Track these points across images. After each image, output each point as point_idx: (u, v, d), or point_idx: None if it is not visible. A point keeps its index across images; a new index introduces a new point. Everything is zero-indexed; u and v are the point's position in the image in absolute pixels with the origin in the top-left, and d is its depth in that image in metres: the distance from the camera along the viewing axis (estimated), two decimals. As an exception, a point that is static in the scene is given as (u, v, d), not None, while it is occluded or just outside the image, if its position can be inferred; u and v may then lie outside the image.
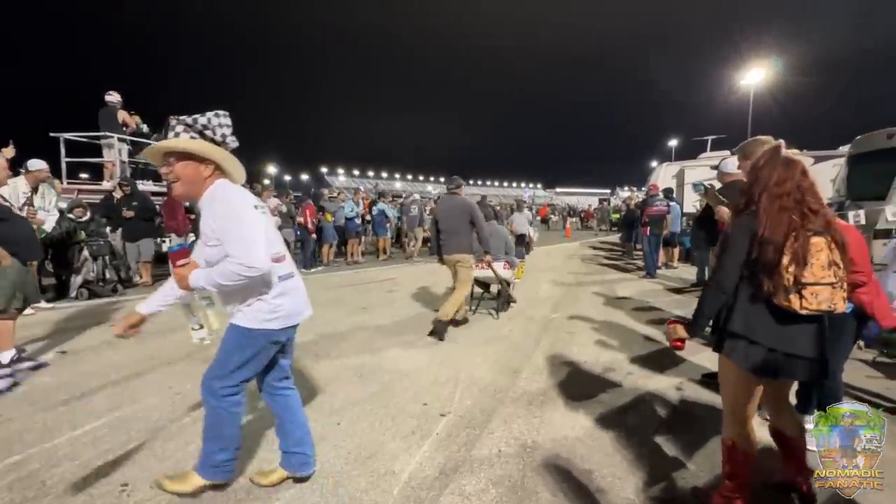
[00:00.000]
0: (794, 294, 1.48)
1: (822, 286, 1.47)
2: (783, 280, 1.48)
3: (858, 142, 7.21)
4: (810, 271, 1.47)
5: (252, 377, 1.92)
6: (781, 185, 1.56)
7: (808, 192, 1.56)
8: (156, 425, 2.55)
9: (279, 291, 1.83)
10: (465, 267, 4.43)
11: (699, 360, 3.68)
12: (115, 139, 8.47)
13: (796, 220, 1.51)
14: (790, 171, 1.58)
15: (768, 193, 1.57)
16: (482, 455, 2.27)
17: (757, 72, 23.67)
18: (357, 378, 3.27)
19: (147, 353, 3.74)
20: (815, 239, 1.49)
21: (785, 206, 1.53)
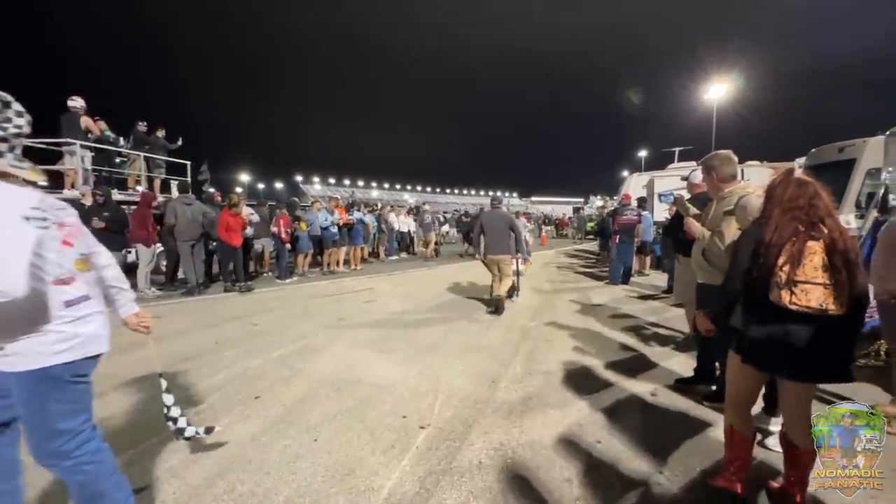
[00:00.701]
0: (786, 290, 1.58)
1: (813, 285, 1.56)
2: (777, 277, 1.60)
3: (813, 154, 7.65)
4: (802, 270, 1.57)
5: (89, 417, 1.65)
6: (794, 200, 1.68)
7: (821, 208, 1.66)
8: (118, 450, 2.39)
9: (70, 317, 1.51)
10: (507, 264, 5.88)
11: (671, 365, 3.78)
12: (78, 146, 8.13)
13: (801, 228, 1.63)
14: (803, 189, 1.70)
15: (781, 207, 1.70)
16: (463, 467, 2.25)
17: (719, 87, 24.86)
18: (334, 392, 3.20)
19: (110, 371, 3.55)
20: (811, 242, 1.60)
21: (796, 216, 1.65)
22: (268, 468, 2.24)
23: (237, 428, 2.65)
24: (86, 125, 8.27)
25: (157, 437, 2.54)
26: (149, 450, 2.41)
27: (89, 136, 8.36)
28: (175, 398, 2.99)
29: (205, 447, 2.43)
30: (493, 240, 5.80)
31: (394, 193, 77.23)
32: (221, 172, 53.99)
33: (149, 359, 3.79)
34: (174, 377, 3.45)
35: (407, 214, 13.86)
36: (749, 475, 1.98)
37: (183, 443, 2.46)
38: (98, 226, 6.30)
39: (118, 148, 9.42)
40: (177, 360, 3.86)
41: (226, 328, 4.94)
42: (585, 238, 22.25)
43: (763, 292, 1.65)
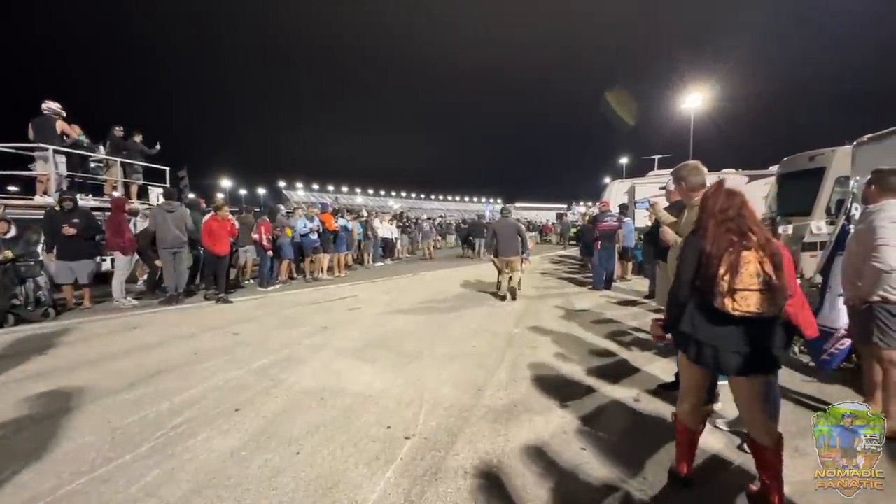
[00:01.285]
0: (728, 297, 1.74)
1: (750, 291, 1.72)
2: (719, 287, 1.75)
3: (785, 162, 7.90)
4: (740, 279, 1.72)
5: None
6: (725, 211, 1.83)
7: (748, 217, 1.82)
8: (91, 466, 2.32)
9: None
10: (516, 262, 7.05)
11: (653, 370, 3.83)
12: (51, 151, 7.88)
13: (735, 239, 1.78)
14: (731, 199, 1.86)
15: (714, 218, 1.84)
16: (448, 478, 2.23)
17: (696, 96, 25.58)
18: (317, 403, 3.15)
19: (80, 385, 3.43)
20: (745, 252, 1.75)
21: (728, 227, 1.80)
22: (248, 484, 2.18)
23: (216, 443, 2.57)
24: (62, 129, 8.01)
25: (131, 453, 2.45)
26: (122, 467, 2.31)
27: (65, 140, 8.10)
28: (151, 411, 2.91)
29: (182, 462, 2.35)
30: (505, 243, 7.02)
31: (378, 199, 76.91)
32: (202, 178, 53.01)
33: (121, 373, 3.69)
34: (150, 390, 3.34)
35: (391, 221, 13.81)
36: (730, 478, 2.02)
37: (158, 459, 2.39)
38: (68, 232, 6.09)
39: (94, 153, 9.17)
40: (153, 371, 3.74)
41: (205, 338, 4.82)
42: (569, 244, 22.49)
43: (708, 299, 1.80)
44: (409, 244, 16.62)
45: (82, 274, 6.30)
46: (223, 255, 7.02)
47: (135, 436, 2.65)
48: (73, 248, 6.20)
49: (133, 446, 2.53)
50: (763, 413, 1.90)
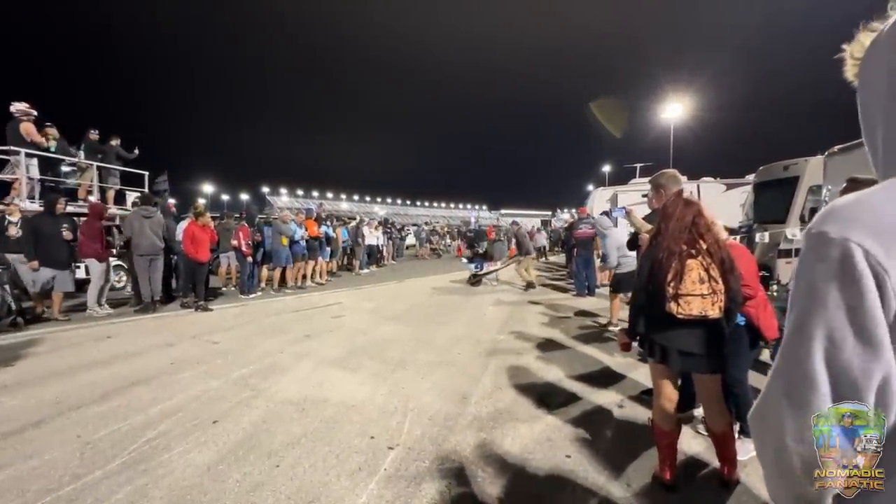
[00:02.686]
0: (674, 302, 1.88)
1: (693, 297, 1.86)
2: (667, 292, 1.89)
3: (761, 172, 8.13)
4: (684, 285, 1.87)
5: None
6: (682, 219, 1.98)
7: (700, 225, 1.95)
8: (58, 483, 2.22)
9: None
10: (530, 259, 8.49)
11: (637, 376, 3.86)
12: (23, 154, 7.61)
13: (684, 248, 1.91)
14: (689, 208, 2.00)
15: (671, 227, 1.98)
16: (432, 490, 2.20)
17: (676, 106, 26.25)
18: (299, 413, 3.08)
19: (50, 398, 3.29)
20: (689, 260, 1.89)
21: (680, 236, 1.94)
22: (225, 499, 2.11)
23: (192, 457, 2.49)
24: (25, 131, 7.68)
25: (102, 469, 2.35)
26: (91, 484, 2.21)
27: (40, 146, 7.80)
28: (124, 424, 2.81)
29: (156, 478, 2.26)
30: (524, 246, 9.62)
31: (363, 206, 76.56)
32: (183, 183, 52.00)
33: (93, 385, 3.55)
34: (124, 402, 3.22)
35: (377, 228, 13.73)
36: (713, 483, 2.05)
37: (130, 475, 2.29)
38: (69, 236, 5.99)
39: (68, 157, 8.91)
40: (128, 382, 3.62)
41: (183, 347, 4.69)
42: (553, 250, 22.68)
43: (659, 304, 1.93)
44: (395, 251, 16.57)
45: (66, 282, 6.05)
46: (204, 262, 6.86)
47: (106, 450, 2.55)
48: (59, 254, 5.96)
49: (104, 461, 2.42)
50: (717, 404, 2.12)
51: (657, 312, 1.96)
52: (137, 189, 10.64)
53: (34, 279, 5.84)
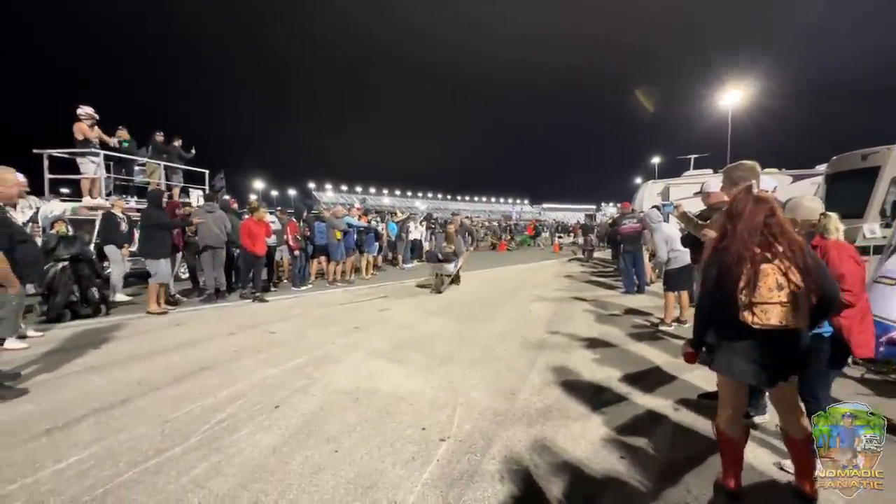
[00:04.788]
0: (748, 311, 1.74)
1: (770, 304, 1.71)
2: (740, 301, 1.76)
3: (835, 162, 7.50)
4: (759, 293, 1.72)
5: None
6: (751, 220, 1.81)
7: (774, 226, 1.79)
8: (144, 457, 2.45)
9: None
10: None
11: (691, 378, 3.71)
12: (102, 156, 8.36)
13: (757, 251, 1.76)
14: (760, 206, 1.83)
15: (740, 229, 1.82)
16: (485, 482, 2.23)
17: (734, 93, 24.61)
18: (352, 402, 3.21)
19: (133, 379, 3.62)
20: (764, 265, 1.74)
21: (752, 239, 1.78)
22: (290, 480, 2.25)
23: (258, 438, 2.67)
24: (78, 129, 8.33)
25: (181, 445, 2.57)
26: (172, 459, 2.43)
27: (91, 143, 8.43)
28: (196, 406, 3.05)
29: (228, 456, 2.45)
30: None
31: (405, 200, 77.58)
32: (236, 180, 54.90)
33: (168, 368, 3.88)
34: (195, 385, 3.49)
35: (421, 223, 13.94)
36: (781, 495, 1.95)
37: (205, 452, 2.49)
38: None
39: (138, 157, 9.68)
40: (197, 367, 3.91)
41: (244, 336, 5.00)
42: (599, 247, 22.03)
43: (730, 312, 1.79)
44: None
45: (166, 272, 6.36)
46: (261, 256, 7.25)
47: (183, 429, 2.78)
48: (165, 246, 6.32)
49: (182, 439, 2.65)
50: (795, 412, 2.01)
51: (728, 322, 1.82)
52: (199, 186, 11.40)
53: (156, 271, 6.09)
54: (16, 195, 3.45)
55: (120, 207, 7.20)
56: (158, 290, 6.14)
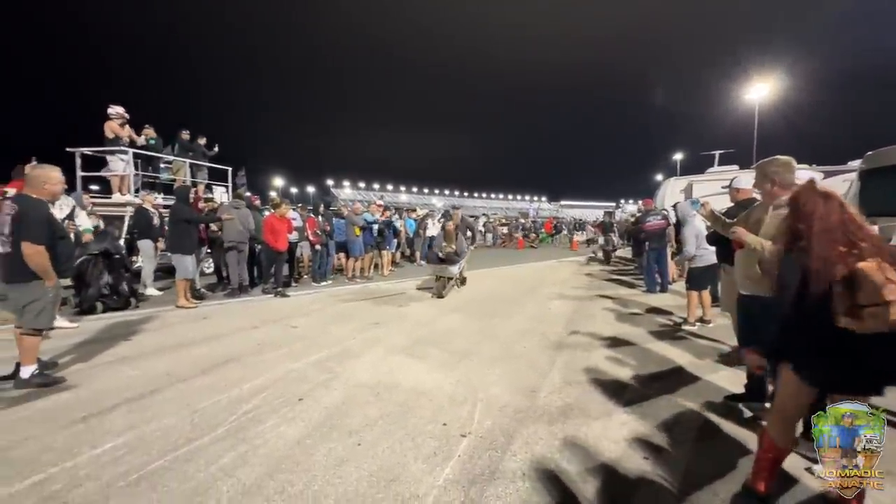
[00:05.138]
0: (850, 316, 1.56)
1: (878, 307, 1.51)
2: (838, 305, 1.58)
3: (871, 157, 7.18)
4: (863, 294, 1.53)
5: None
6: (827, 219, 1.66)
7: (851, 222, 1.65)
8: (174, 445, 2.53)
9: None
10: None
11: (716, 379, 3.63)
12: (131, 154, 8.63)
13: (843, 250, 1.60)
14: (831, 204, 1.69)
15: (816, 230, 1.66)
16: (507, 479, 2.23)
17: (761, 87, 23.85)
18: (374, 397, 3.25)
19: (162, 370, 3.73)
20: (861, 264, 1.57)
21: (834, 238, 1.64)
22: (315, 471, 2.29)
23: (283, 430, 2.72)
24: (109, 128, 8.62)
25: (209, 435, 2.64)
26: (201, 448, 2.50)
27: (121, 141, 8.72)
28: (223, 397, 3.13)
29: (254, 447, 2.51)
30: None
31: (422, 197, 77.75)
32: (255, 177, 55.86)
33: (195, 360, 3.99)
34: (221, 377, 3.58)
35: (439, 220, 13.96)
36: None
37: (233, 442, 2.56)
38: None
39: (164, 154, 9.95)
40: (223, 359, 4.01)
41: (266, 330, 5.10)
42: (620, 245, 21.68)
43: (823, 319, 1.63)
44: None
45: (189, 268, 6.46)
46: (283, 251, 7.38)
47: (210, 419, 2.86)
48: (192, 241, 6.45)
49: (210, 429, 2.72)
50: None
51: (821, 328, 1.66)
52: (222, 183, 11.66)
53: (181, 266, 6.21)
54: (60, 192, 3.60)
55: (150, 203, 7.41)
56: (185, 285, 6.31)
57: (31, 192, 3.34)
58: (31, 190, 3.35)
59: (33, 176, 3.37)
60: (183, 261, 6.16)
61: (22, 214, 3.21)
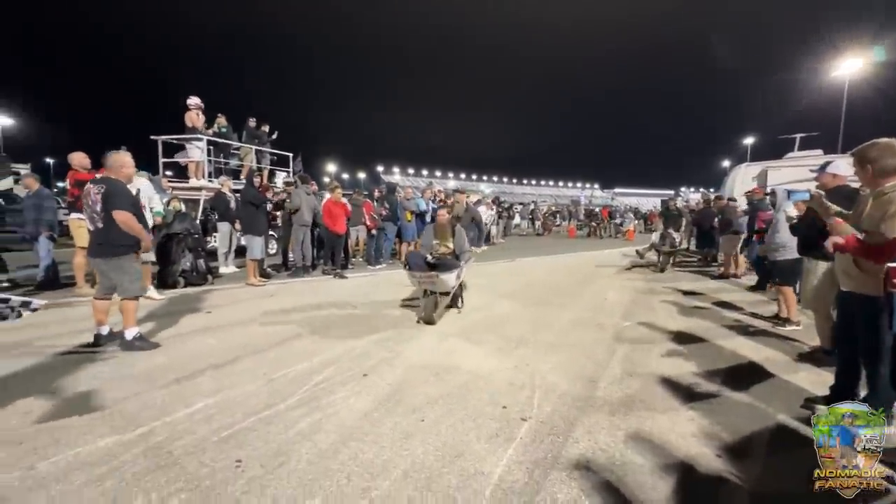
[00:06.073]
0: None
1: None
2: None
3: None
4: None
5: None
6: None
7: None
8: (256, 409, 2.75)
9: None
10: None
11: (796, 379, 3.40)
12: (205, 140, 9.29)
13: None
14: None
15: None
16: (570, 464, 2.24)
17: (851, 62, 21.38)
18: (434, 377, 3.35)
19: (240, 341, 4.05)
20: None
21: None
22: (383, 442, 2.41)
23: (352, 402, 2.89)
24: (189, 119, 9.30)
25: (285, 402, 2.85)
26: (280, 413, 2.71)
27: (197, 130, 9.39)
28: (295, 368, 3.32)
29: (327, 415, 2.68)
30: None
31: (470, 184, 77.45)
32: (310, 163, 58.04)
33: (267, 334, 4.29)
34: (292, 350, 3.84)
35: (489, 207, 13.91)
36: None
37: (307, 410, 2.75)
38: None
39: (234, 142, 10.60)
40: (291, 334, 4.29)
41: (329, 309, 5.37)
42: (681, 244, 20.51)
43: None
44: (503, 230, 16.65)
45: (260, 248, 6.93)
46: (341, 234, 7.70)
47: (285, 388, 3.08)
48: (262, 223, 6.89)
49: (285, 396, 2.94)
50: None
51: None
52: (283, 169, 12.26)
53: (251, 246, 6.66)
54: (133, 175, 4.10)
55: (228, 188, 7.94)
56: (254, 265, 6.77)
57: (111, 174, 3.82)
58: (110, 173, 3.83)
59: (112, 161, 3.85)
60: (254, 241, 6.59)
61: (109, 191, 3.68)
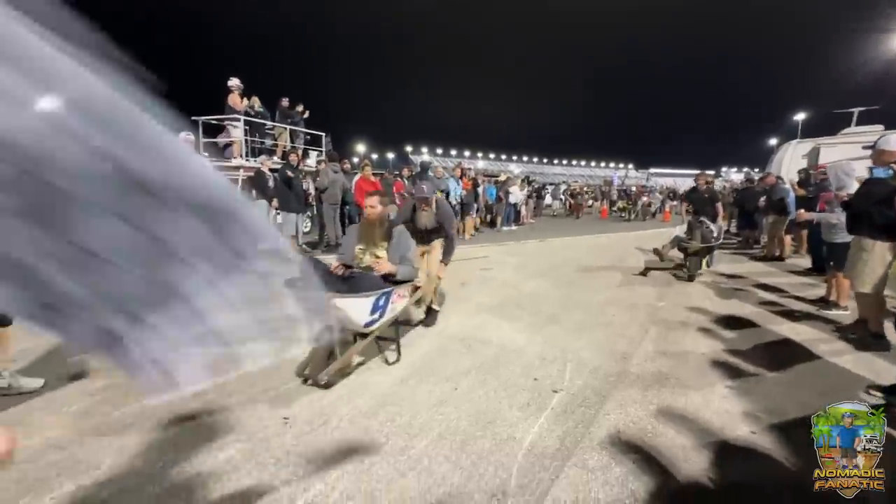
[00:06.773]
0: None
1: None
2: None
3: None
4: None
5: None
6: None
7: None
8: (293, 376, 2.92)
9: None
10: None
11: (843, 363, 3.28)
12: (242, 121, 9.55)
13: None
14: None
15: None
16: (601, 434, 2.29)
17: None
18: (465, 349, 3.43)
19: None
20: None
21: None
22: (418, 407, 2.53)
23: (387, 368, 3.02)
24: (231, 101, 9.52)
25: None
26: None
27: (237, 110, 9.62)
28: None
29: (364, 381, 2.82)
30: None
31: (500, 164, 76.31)
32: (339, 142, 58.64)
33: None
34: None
35: (520, 187, 13.74)
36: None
37: (345, 378, 2.89)
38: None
39: (268, 121, 10.84)
40: (328, 307, 4.46)
41: (362, 284, 5.53)
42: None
43: None
44: (534, 210, 16.43)
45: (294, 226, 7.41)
46: (372, 212, 7.85)
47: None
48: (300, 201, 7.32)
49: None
50: None
51: None
52: (315, 148, 12.47)
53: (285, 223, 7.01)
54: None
55: (268, 167, 8.18)
56: (290, 242, 7.02)
57: None
58: None
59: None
60: (289, 218, 6.82)
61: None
